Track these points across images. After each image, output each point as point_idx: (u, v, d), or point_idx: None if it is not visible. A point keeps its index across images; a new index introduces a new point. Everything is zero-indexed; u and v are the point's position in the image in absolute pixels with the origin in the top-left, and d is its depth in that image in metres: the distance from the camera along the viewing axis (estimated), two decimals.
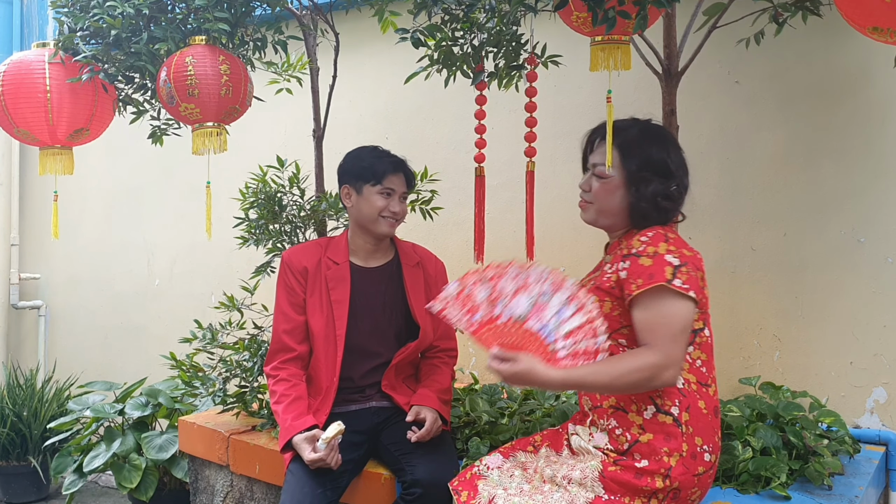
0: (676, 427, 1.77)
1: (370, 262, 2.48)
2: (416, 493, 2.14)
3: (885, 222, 2.63)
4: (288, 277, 2.44)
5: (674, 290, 1.72)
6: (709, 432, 1.81)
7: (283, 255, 2.49)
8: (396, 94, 3.56)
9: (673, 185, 1.88)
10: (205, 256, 4.22)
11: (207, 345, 2.91)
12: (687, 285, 1.73)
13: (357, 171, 2.42)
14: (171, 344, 3.37)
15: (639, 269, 1.76)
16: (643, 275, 1.75)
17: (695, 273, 1.77)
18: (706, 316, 1.86)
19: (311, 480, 2.19)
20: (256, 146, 3.86)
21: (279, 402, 2.33)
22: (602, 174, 1.93)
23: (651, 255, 1.77)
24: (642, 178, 1.87)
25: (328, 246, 2.49)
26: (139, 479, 3.33)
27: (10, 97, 2.68)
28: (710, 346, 1.87)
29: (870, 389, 2.66)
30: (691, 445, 1.77)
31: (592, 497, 1.76)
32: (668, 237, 1.81)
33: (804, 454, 2.27)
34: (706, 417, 1.81)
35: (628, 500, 1.75)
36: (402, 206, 2.44)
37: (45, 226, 4.91)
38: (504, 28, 2.40)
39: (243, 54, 2.78)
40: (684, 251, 1.80)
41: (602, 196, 1.93)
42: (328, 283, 2.41)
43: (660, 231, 1.82)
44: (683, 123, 2.50)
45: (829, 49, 2.70)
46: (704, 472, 1.79)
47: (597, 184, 1.94)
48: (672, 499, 1.76)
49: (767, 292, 2.81)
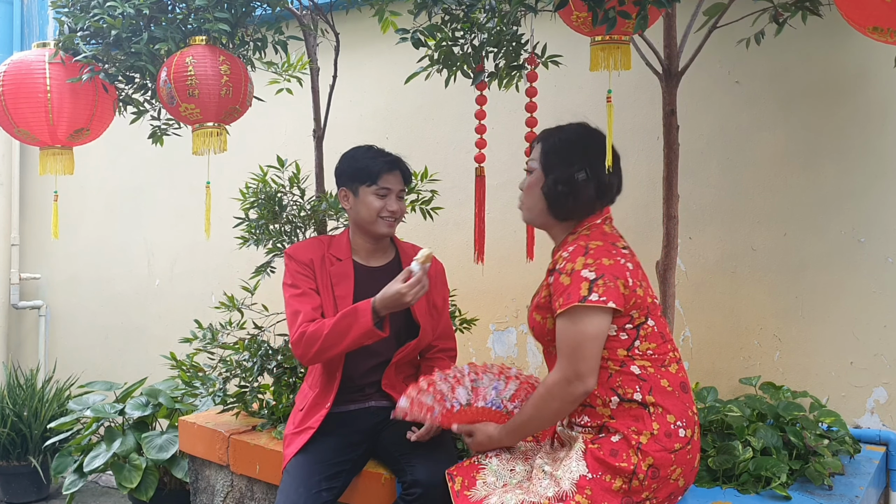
0: (643, 409, 1.82)
1: (371, 262, 2.48)
2: (415, 494, 2.14)
3: (885, 222, 2.63)
4: (297, 268, 2.41)
5: (588, 306, 1.79)
6: (680, 408, 1.85)
7: (287, 251, 2.47)
8: (396, 94, 3.56)
9: (580, 173, 1.93)
10: (205, 256, 4.22)
11: (207, 345, 2.91)
12: (604, 297, 1.79)
13: (352, 172, 2.42)
14: (172, 344, 3.37)
15: (559, 287, 1.84)
16: (562, 294, 1.83)
17: (613, 282, 1.81)
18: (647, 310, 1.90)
19: (307, 480, 2.18)
20: (256, 146, 3.86)
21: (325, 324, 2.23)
22: (529, 168, 2.03)
23: (569, 272, 1.83)
24: (551, 166, 1.96)
25: (330, 243, 2.49)
26: (139, 479, 3.33)
27: (11, 97, 2.68)
28: (659, 332, 1.92)
29: (870, 389, 2.66)
30: (663, 424, 1.81)
31: (577, 477, 1.78)
32: (589, 249, 1.86)
33: (804, 454, 2.28)
34: (673, 395, 1.85)
35: (609, 478, 1.78)
36: (399, 204, 2.43)
37: (45, 226, 4.91)
38: (504, 28, 2.41)
39: (243, 54, 2.78)
40: (603, 261, 1.84)
41: (527, 192, 2.03)
42: (332, 278, 2.41)
43: (580, 244, 1.88)
44: (683, 123, 2.50)
45: (829, 49, 2.70)
46: (681, 447, 1.81)
47: (525, 181, 2.05)
48: (652, 478, 1.78)
49: (768, 292, 2.81)
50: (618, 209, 3.07)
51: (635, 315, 1.87)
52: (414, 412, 2.06)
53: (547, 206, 1.97)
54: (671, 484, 1.82)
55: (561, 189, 1.93)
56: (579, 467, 1.79)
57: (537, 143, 2.04)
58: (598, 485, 1.77)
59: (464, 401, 2.05)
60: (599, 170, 1.94)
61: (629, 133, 3.03)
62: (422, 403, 2.05)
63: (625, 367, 1.85)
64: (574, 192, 1.93)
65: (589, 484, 1.77)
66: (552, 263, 1.92)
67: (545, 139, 2.02)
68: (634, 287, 1.87)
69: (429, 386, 2.06)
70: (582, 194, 1.94)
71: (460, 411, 2.05)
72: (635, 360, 1.86)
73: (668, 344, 1.93)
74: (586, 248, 1.85)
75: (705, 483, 2.22)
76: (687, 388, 1.91)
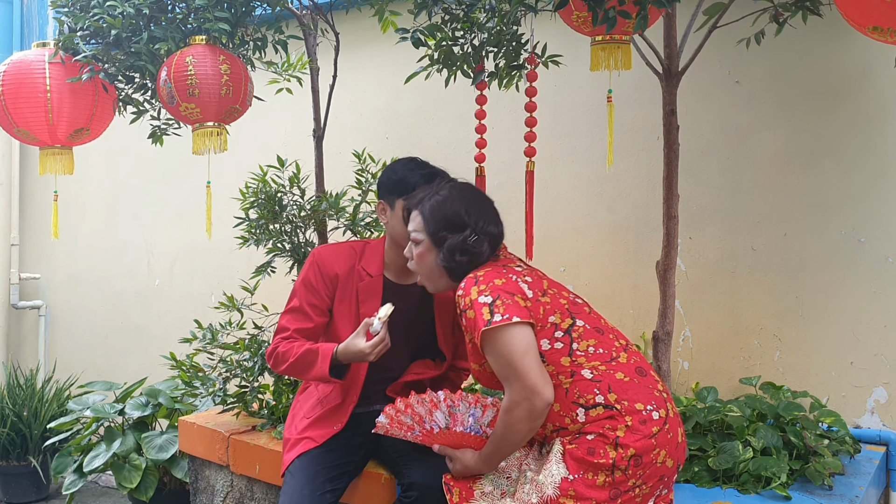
0: (611, 410, 1.80)
1: (402, 279, 2.35)
2: (413, 496, 2.13)
3: (885, 222, 2.63)
4: (316, 277, 2.30)
5: (495, 327, 1.80)
6: (645, 393, 1.83)
7: (316, 252, 2.35)
8: (396, 94, 3.56)
9: (471, 236, 1.96)
10: (205, 256, 4.21)
11: (207, 345, 2.90)
12: (507, 314, 1.80)
13: (390, 185, 2.28)
14: (172, 344, 3.37)
15: (469, 323, 1.87)
16: (472, 328, 1.86)
17: (510, 300, 1.83)
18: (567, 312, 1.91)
19: (311, 482, 2.18)
20: (256, 146, 3.86)
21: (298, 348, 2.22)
22: (415, 239, 2.04)
23: (469, 305, 1.86)
24: (441, 238, 1.98)
25: (363, 253, 2.35)
26: (139, 479, 3.33)
27: (11, 97, 2.69)
28: (593, 328, 1.91)
29: (870, 389, 2.66)
30: (635, 414, 1.79)
31: (559, 480, 1.77)
32: (477, 277, 1.90)
33: (805, 454, 2.28)
34: (632, 383, 1.83)
35: (592, 476, 1.76)
36: None
37: (45, 226, 4.91)
38: (504, 28, 2.41)
39: (243, 54, 2.78)
40: (495, 282, 1.87)
41: (420, 263, 2.05)
42: (359, 294, 2.30)
43: (469, 277, 1.92)
44: (683, 123, 2.50)
45: (829, 49, 2.70)
46: (659, 430, 1.79)
47: (414, 250, 2.05)
48: (635, 466, 1.76)
49: (768, 292, 2.81)
50: (618, 209, 3.10)
51: (557, 321, 1.88)
52: (394, 429, 2.06)
53: (448, 275, 2.00)
54: (658, 468, 1.79)
55: (459, 258, 1.96)
56: (560, 470, 1.78)
57: (415, 213, 2.05)
58: (582, 483, 1.76)
59: (442, 424, 2.03)
60: (486, 225, 1.99)
61: (629, 133, 3.03)
62: (402, 422, 2.05)
63: (576, 376, 1.84)
64: (471, 255, 1.97)
65: (571, 485, 1.76)
66: (455, 307, 1.95)
67: (422, 207, 2.03)
68: (536, 297, 1.88)
69: (406, 408, 2.05)
70: (479, 254, 1.97)
71: (440, 433, 2.04)
72: (582, 365, 1.85)
73: (607, 335, 1.92)
74: (475, 278, 1.90)
75: (705, 483, 2.22)
76: (644, 370, 1.88)
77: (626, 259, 3.07)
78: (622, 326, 3.03)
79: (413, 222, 2.06)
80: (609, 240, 3.11)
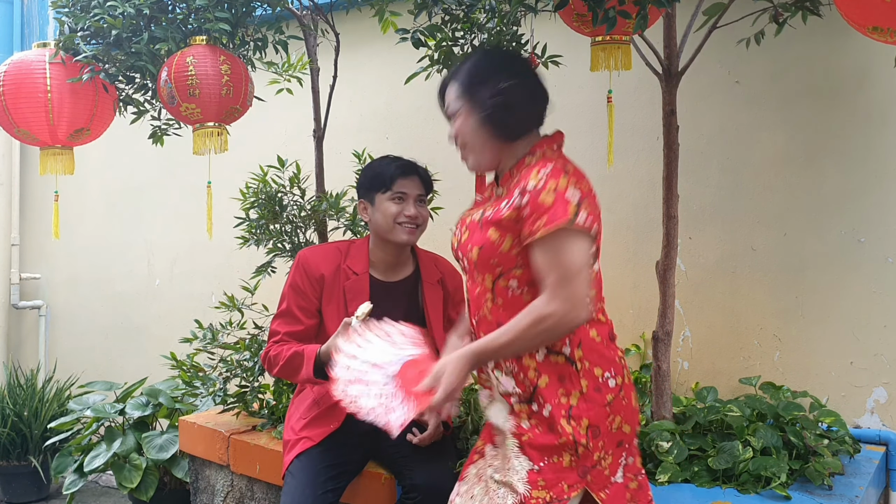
0: (570, 366, 1.72)
1: (390, 276, 2.39)
2: (415, 498, 2.14)
3: (885, 222, 2.63)
4: (302, 280, 2.33)
5: (575, 229, 1.65)
6: (607, 360, 1.75)
7: (300, 255, 2.38)
8: (396, 94, 3.56)
9: (503, 82, 1.76)
10: (205, 256, 4.22)
11: (208, 345, 2.91)
12: (589, 221, 1.67)
13: (367, 182, 2.33)
14: (172, 344, 3.37)
15: (539, 207, 1.66)
16: (544, 214, 1.65)
17: (594, 208, 1.70)
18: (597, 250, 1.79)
19: (312, 482, 2.18)
20: (257, 146, 3.86)
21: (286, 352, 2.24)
22: (453, 112, 1.84)
23: (552, 190, 1.66)
24: (473, 92, 1.78)
25: (348, 253, 2.38)
26: (139, 478, 3.33)
27: (11, 97, 2.69)
28: (600, 280, 1.82)
29: (870, 389, 2.66)
30: (591, 380, 1.72)
31: (525, 474, 1.70)
32: (567, 169, 1.71)
33: (804, 454, 2.28)
34: (600, 346, 1.75)
35: (557, 458, 1.69)
36: (418, 209, 2.32)
37: (45, 226, 4.91)
38: (504, 28, 2.41)
39: (244, 54, 2.78)
40: (584, 182, 1.72)
41: (462, 133, 1.83)
42: (346, 294, 2.32)
43: (557, 165, 1.71)
44: (683, 123, 2.50)
45: (829, 49, 2.70)
46: (614, 398, 1.73)
47: (454, 125, 1.85)
48: (594, 437, 1.70)
49: (767, 292, 2.81)
50: (618, 209, 3.10)
51: None
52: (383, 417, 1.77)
53: (491, 131, 1.78)
54: (615, 434, 1.74)
55: (495, 102, 1.75)
56: (523, 464, 1.71)
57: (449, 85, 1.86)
58: (549, 469, 1.69)
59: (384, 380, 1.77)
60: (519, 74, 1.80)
61: (629, 133, 3.03)
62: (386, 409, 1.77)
63: None
64: (508, 102, 1.76)
65: (539, 475, 1.68)
66: (522, 181, 1.72)
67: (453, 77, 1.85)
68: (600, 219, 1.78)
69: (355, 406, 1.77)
70: (518, 103, 1.77)
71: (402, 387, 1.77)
72: None
73: (601, 293, 1.83)
74: (565, 169, 1.70)
75: (705, 483, 2.22)
76: (614, 336, 1.82)
77: (626, 259, 3.07)
78: (622, 326, 3.05)
79: (448, 96, 1.86)
80: (609, 240, 3.11)
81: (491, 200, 1.83)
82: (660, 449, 2.31)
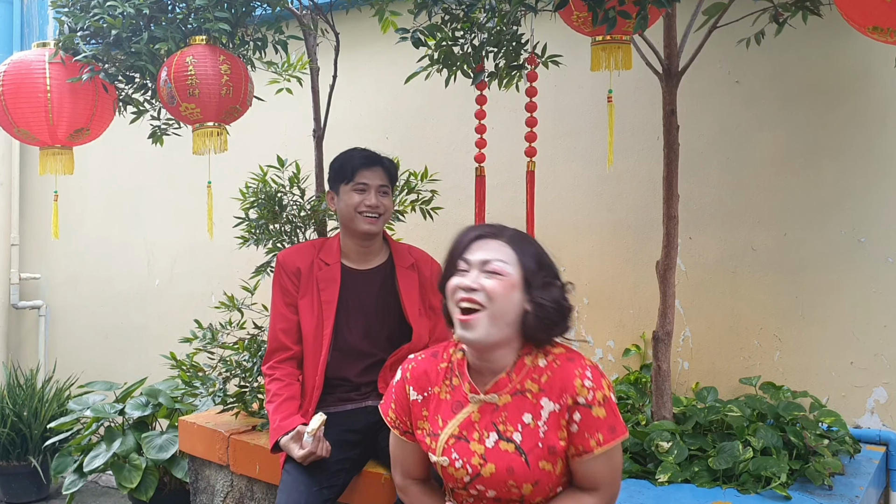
0: None
1: (362, 265, 2.46)
2: None
3: (885, 222, 2.63)
4: (282, 278, 2.43)
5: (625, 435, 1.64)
6: None
7: (278, 256, 2.48)
8: (396, 94, 3.56)
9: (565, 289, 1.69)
10: (205, 256, 4.22)
11: (207, 345, 2.90)
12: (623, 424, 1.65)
13: (333, 173, 2.43)
14: (172, 344, 3.37)
15: (595, 422, 1.60)
16: (602, 428, 1.60)
17: None
18: None
19: (308, 479, 2.18)
20: (257, 146, 3.86)
21: (271, 401, 2.34)
22: (498, 270, 1.62)
23: (602, 401, 1.60)
24: (543, 278, 1.64)
25: (322, 247, 2.48)
26: (139, 479, 3.33)
27: (11, 97, 2.69)
28: None
29: (870, 389, 2.66)
30: None
31: None
32: (600, 370, 1.66)
33: (804, 454, 2.28)
34: None
35: None
36: (380, 199, 2.37)
37: (45, 226, 4.91)
38: (504, 28, 2.41)
39: (244, 54, 2.78)
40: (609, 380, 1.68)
41: (500, 295, 1.60)
42: (319, 283, 2.40)
43: (596, 369, 1.65)
44: (683, 123, 2.50)
45: (829, 49, 2.70)
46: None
47: (490, 281, 1.61)
48: None
49: (767, 292, 2.81)
50: (618, 209, 3.10)
51: None
52: None
53: (522, 324, 1.63)
54: None
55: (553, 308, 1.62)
56: None
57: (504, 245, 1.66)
58: None
59: None
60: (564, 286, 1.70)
61: (629, 133, 3.03)
62: None
63: None
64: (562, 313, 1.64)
65: None
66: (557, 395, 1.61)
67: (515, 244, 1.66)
68: None
69: None
70: (567, 317, 1.67)
71: None
72: None
73: None
74: (600, 371, 1.64)
75: (705, 483, 2.22)
76: None
77: (626, 259, 3.07)
78: (622, 326, 3.05)
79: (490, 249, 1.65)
80: (609, 240, 3.11)
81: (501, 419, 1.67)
82: (660, 449, 2.31)
